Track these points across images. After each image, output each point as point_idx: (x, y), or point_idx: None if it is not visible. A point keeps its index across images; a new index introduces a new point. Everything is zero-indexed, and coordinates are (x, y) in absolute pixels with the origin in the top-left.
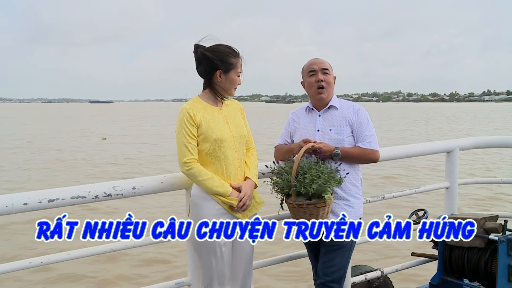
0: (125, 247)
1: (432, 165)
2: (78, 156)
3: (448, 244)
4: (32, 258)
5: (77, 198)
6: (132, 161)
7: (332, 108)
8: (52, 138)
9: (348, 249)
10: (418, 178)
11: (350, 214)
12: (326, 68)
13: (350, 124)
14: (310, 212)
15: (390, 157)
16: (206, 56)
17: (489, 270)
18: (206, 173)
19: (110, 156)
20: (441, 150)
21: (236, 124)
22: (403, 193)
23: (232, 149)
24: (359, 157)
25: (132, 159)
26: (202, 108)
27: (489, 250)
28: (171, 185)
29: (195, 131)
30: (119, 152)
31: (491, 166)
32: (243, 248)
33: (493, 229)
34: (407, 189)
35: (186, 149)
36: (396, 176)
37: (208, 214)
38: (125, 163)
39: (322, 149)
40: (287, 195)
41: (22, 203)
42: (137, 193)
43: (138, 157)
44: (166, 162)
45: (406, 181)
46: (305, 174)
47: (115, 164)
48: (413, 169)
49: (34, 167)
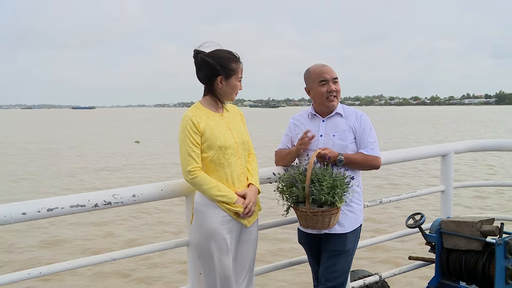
0: (125, 256)
1: (411, 170)
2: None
3: (445, 248)
4: (30, 269)
5: (77, 206)
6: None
7: (336, 114)
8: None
9: (350, 254)
10: (407, 183)
11: (352, 220)
12: (336, 77)
13: (353, 131)
14: (323, 220)
15: (387, 162)
16: (207, 62)
17: (487, 272)
18: (211, 181)
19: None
20: (436, 154)
21: (238, 130)
22: (400, 197)
23: (235, 156)
24: (361, 163)
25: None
26: (204, 115)
27: (487, 253)
28: (171, 192)
29: (198, 139)
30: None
31: (497, 168)
32: (246, 254)
33: (490, 232)
34: (403, 193)
35: (190, 158)
36: (385, 181)
37: (212, 222)
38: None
39: (328, 155)
40: (295, 203)
41: (20, 212)
42: (137, 200)
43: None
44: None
45: (398, 184)
46: (320, 182)
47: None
48: (403, 173)
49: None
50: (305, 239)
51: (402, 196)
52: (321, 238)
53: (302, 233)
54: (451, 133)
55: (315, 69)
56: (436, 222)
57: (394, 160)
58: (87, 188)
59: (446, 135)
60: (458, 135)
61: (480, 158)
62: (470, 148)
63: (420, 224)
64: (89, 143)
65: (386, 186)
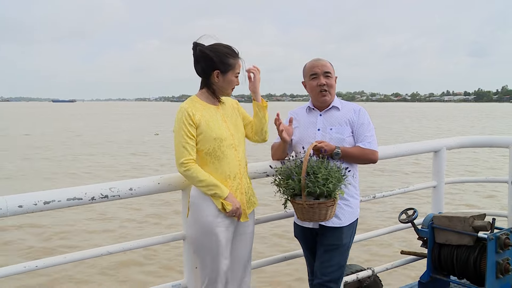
0: (121, 249)
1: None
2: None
3: (437, 242)
4: (26, 262)
5: (74, 200)
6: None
7: (333, 108)
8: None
9: (346, 249)
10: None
11: (348, 214)
12: (328, 71)
13: (351, 124)
14: (320, 212)
15: (381, 157)
16: (204, 55)
17: (478, 267)
18: (203, 174)
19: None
20: (429, 150)
21: (233, 122)
22: (393, 192)
23: (231, 148)
24: (358, 157)
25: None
26: (200, 107)
27: (478, 248)
28: (168, 186)
29: (194, 131)
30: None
31: (493, 164)
32: (242, 248)
33: (482, 227)
34: (396, 189)
35: (184, 149)
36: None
37: (208, 215)
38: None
39: (324, 148)
40: (292, 196)
41: (17, 205)
42: (134, 194)
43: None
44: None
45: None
46: (315, 174)
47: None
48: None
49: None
50: (301, 233)
51: (396, 191)
52: (317, 232)
53: (298, 227)
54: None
55: (309, 63)
56: (428, 217)
57: (385, 156)
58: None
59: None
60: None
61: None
62: (461, 144)
63: (413, 219)
64: (115, 137)
65: (378, 181)
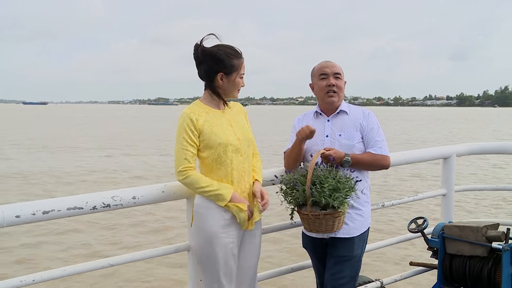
0: (123, 261)
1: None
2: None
3: (448, 253)
4: (23, 276)
5: (74, 209)
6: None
7: (341, 113)
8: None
9: (358, 260)
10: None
11: (360, 223)
12: (338, 72)
13: (360, 130)
14: (327, 223)
15: (391, 164)
16: (207, 57)
17: (493, 279)
18: (203, 180)
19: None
20: (439, 156)
21: (240, 127)
22: (402, 200)
23: (237, 153)
24: (370, 164)
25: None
26: (204, 112)
27: (492, 259)
28: (173, 194)
29: (195, 138)
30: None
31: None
32: (248, 259)
33: (496, 237)
34: (405, 197)
35: (183, 157)
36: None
37: (213, 225)
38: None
39: (332, 156)
40: (299, 205)
41: (14, 215)
42: (137, 203)
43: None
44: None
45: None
46: (322, 184)
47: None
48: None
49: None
50: (310, 243)
51: (404, 199)
52: (327, 242)
53: (306, 237)
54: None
55: (318, 65)
56: (439, 226)
57: (395, 163)
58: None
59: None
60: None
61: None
62: (471, 151)
63: (423, 228)
64: (144, 141)
65: (386, 190)
